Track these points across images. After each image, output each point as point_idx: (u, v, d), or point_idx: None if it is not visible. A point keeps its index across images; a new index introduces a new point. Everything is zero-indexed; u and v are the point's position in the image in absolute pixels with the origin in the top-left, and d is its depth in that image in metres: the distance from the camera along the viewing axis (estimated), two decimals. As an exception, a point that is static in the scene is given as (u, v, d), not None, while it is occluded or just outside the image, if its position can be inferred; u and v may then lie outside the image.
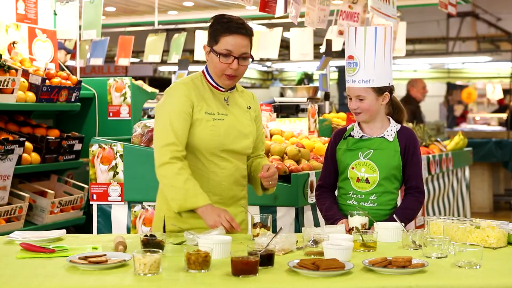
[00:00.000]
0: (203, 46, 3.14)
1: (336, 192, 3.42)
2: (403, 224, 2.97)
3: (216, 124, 3.07)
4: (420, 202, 3.30)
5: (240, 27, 3.03)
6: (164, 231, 3.10)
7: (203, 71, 3.17)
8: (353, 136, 3.30)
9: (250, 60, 3.09)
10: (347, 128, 3.37)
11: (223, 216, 2.92)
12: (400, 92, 20.36)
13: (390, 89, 3.27)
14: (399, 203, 3.33)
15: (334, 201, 3.34)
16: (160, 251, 2.39)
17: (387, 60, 3.22)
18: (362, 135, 3.27)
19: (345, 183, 3.29)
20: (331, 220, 3.25)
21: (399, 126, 3.31)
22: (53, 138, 5.04)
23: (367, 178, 3.22)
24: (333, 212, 3.27)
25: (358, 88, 3.19)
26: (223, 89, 3.15)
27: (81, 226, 5.26)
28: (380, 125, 3.28)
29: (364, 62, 3.18)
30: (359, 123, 3.32)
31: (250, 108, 3.24)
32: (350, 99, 3.23)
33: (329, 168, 3.37)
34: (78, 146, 5.23)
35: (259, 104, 3.36)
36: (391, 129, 3.27)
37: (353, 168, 3.25)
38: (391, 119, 3.32)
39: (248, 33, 3.06)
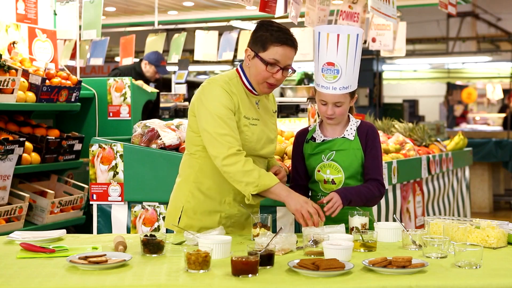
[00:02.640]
0: (245, 49, 3.09)
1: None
2: (351, 199, 3.07)
3: (250, 129, 3.08)
4: (379, 191, 3.22)
5: (290, 39, 3.03)
6: (179, 222, 3.14)
7: (237, 71, 3.15)
8: (315, 139, 3.29)
9: (291, 71, 3.09)
10: (309, 129, 3.36)
11: (310, 204, 2.93)
12: (401, 92, 20.40)
13: None
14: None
15: (302, 190, 3.26)
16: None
17: (359, 64, 3.22)
18: (324, 139, 3.26)
19: (314, 186, 3.29)
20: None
21: (359, 121, 3.30)
22: (53, 138, 5.04)
23: (332, 179, 3.22)
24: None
25: (339, 95, 3.15)
26: (256, 93, 3.15)
27: (81, 226, 5.26)
28: (342, 124, 3.27)
29: (346, 69, 3.13)
30: (320, 125, 3.31)
31: (275, 112, 3.28)
32: (324, 104, 3.18)
33: (297, 169, 3.33)
34: (78, 146, 5.23)
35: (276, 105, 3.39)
36: (351, 128, 3.26)
37: (319, 170, 3.24)
38: (350, 115, 3.30)
39: (296, 45, 3.07)
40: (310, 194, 3.36)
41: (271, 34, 3.01)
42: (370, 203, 3.27)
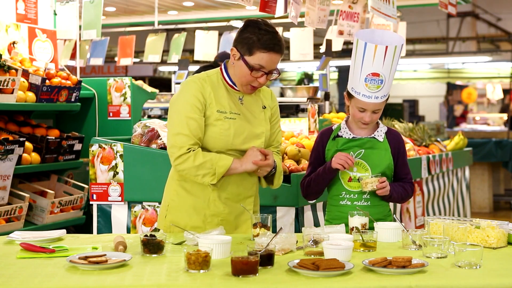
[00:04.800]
0: (231, 49, 3.07)
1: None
2: (391, 195, 3.19)
3: (227, 123, 3.06)
4: (412, 191, 3.38)
5: (277, 44, 3.00)
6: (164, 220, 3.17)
7: (221, 68, 3.15)
8: (342, 137, 3.29)
9: (277, 74, 3.06)
10: (333, 128, 3.36)
11: (254, 154, 3.02)
12: (401, 92, 20.41)
13: None
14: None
15: None
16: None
17: None
18: (354, 136, 3.27)
19: (336, 184, 3.28)
20: (323, 169, 3.23)
21: (386, 127, 3.34)
22: (53, 138, 5.04)
23: (359, 177, 3.22)
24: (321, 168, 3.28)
25: (379, 103, 3.18)
26: (238, 90, 3.15)
27: (81, 226, 5.26)
28: (370, 126, 3.29)
29: (389, 79, 3.15)
30: (347, 123, 3.32)
31: (265, 107, 3.23)
32: (362, 111, 3.19)
33: (315, 167, 3.33)
34: (78, 146, 5.23)
35: (277, 101, 3.33)
36: (381, 130, 3.30)
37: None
38: (378, 120, 3.34)
39: (282, 50, 3.04)
40: (329, 195, 3.35)
41: (259, 39, 2.97)
42: (402, 201, 3.40)
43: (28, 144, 4.82)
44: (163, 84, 16.69)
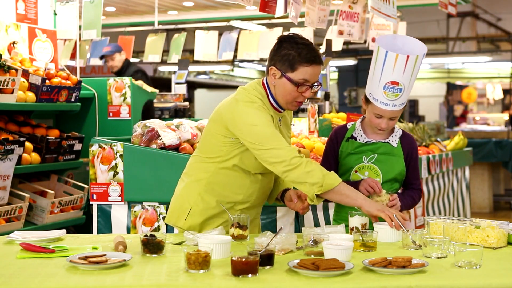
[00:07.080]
0: (269, 68, 3.01)
1: None
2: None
3: None
4: (420, 198, 3.38)
5: (318, 56, 2.97)
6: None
7: (266, 91, 3.06)
8: (356, 139, 3.28)
9: (317, 86, 3.01)
10: (348, 127, 3.34)
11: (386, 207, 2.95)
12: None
13: None
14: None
15: None
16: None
17: None
18: (367, 140, 3.26)
19: None
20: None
21: (401, 131, 3.32)
22: (53, 138, 5.04)
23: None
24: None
25: (397, 111, 3.15)
26: (282, 111, 3.10)
27: (81, 226, 5.26)
28: (386, 131, 3.27)
29: (408, 87, 3.13)
30: (362, 125, 3.30)
31: (293, 125, 3.21)
32: (379, 117, 3.16)
33: (330, 163, 3.32)
34: (78, 146, 5.23)
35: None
36: (395, 135, 3.28)
37: (356, 171, 3.24)
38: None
39: (322, 60, 3.01)
40: None
41: (299, 54, 2.93)
42: (409, 208, 3.38)
43: (28, 144, 4.82)
44: (163, 84, 16.68)
